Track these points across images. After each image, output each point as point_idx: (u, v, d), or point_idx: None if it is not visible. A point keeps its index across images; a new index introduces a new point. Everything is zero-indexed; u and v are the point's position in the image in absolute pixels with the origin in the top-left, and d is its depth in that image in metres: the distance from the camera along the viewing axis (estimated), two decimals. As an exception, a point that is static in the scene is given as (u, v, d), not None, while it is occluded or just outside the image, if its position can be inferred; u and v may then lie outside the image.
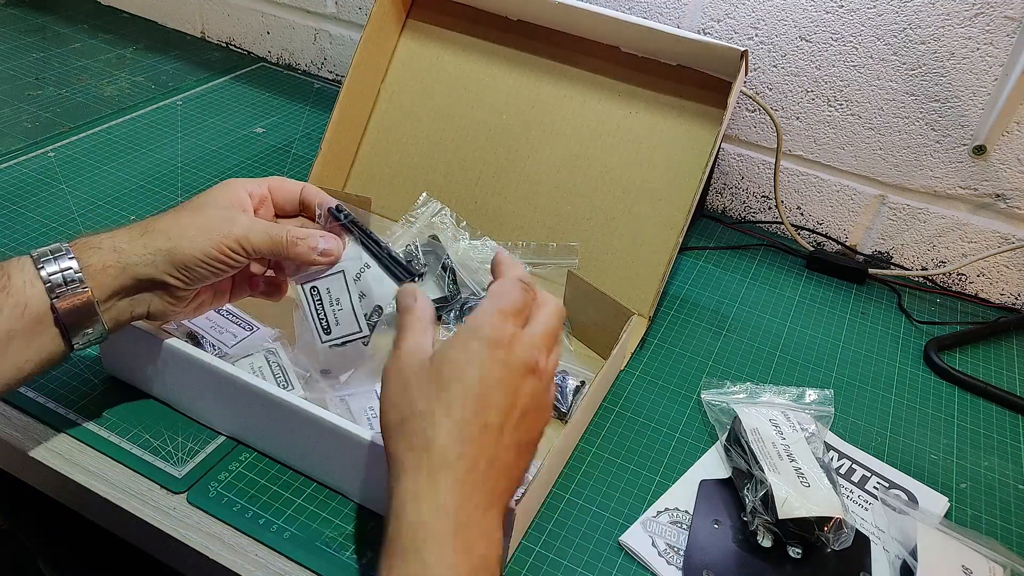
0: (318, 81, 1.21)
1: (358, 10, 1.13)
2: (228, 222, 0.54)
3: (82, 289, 0.51)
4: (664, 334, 0.79)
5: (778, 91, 0.90)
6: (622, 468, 0.64)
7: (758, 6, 0.87)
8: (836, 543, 0.55)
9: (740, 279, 0.89)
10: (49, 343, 0.51)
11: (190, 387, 0.61)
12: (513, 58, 0.87)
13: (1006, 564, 0.57)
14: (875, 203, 0.91)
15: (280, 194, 0.60)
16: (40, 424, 0.61)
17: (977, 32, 0.78)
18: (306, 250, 0.56)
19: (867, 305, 0.87)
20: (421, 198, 0.86)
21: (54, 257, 0.51)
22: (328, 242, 0.57)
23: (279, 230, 0.56)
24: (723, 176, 0.99)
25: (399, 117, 0.91)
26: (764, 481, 0.58)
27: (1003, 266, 0.88)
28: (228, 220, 0.55)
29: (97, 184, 0.90)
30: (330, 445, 0.56)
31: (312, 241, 0.56)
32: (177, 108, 1.08)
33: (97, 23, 1.31)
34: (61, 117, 1.02)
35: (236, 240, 0.54)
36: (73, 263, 0.51)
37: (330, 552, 0.54)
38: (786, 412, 0.65)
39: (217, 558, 0.53)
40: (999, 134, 0.81)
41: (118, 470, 0.58)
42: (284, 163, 0.98)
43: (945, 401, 0.75)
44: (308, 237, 0.56)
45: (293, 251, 0.56)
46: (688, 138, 0.80)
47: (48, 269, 0.51)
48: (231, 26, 1.27)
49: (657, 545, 0.57)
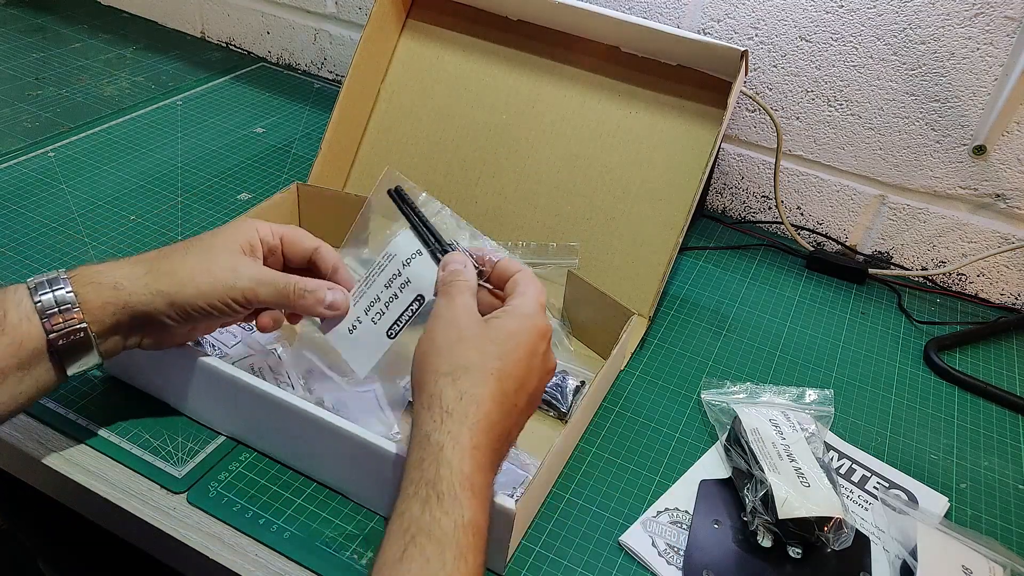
0: (318, 81, 1.21)
1: (358, 10, 1.13)
2: (234, 272, 0.53)
3: (79, 325, 0.50)
4: (664, 334, 0.79)
5: (778, 91, 0.90)
6: (622, 468, 0.64)
7: (758, 6, 0.87)
8: (836, 543, 0.55)
9: (740, 279, 0.89)
10: (44, 375, 0.51)
11: (190, 387, 0.61)
12: (513, 58, 0.87)
13: (1006, 564, 0.57)
14: (875, 203, 0.91)
15: (293, 247, 0.59)
16: (40, 424, 0.61)
17: (977, 32, 0.78)
18: (313, 303, 0.56)
19: (867, 305, 0.87)
20: (421, 198, 0.86)
21: (52, 290, 0.50)
22: (335, 294, 0.57)
23: (286, 281, 0.55)
24: (723, 176, 0.99)
25: (399, 117, 0.91)
26: (764, 481, 0.58)
27: (1003, 266, 0.88)
28: (235, 271, 0.53)
29: (97, 184, 0.90)
30: (330, 445, 0.56)
31: (320, 294, 0.56)
32: (177, 108, 1.08)
33: (97, 23, 1.31)
34: (61, 117, 1.02)
35: (242, 293, 0.53)
36: (71, 296, 0.50)
37: (330, 552, 0.54)
38: (786, 412, 0.65)
39: (217, 558, 0.53)
40: (999, 134, 0.81)
41: (118, 470, 0.58)
42: (284, 163, 0.98)
43: (945, 401, 0.75)
44: (316, 290, 0.56)
45: (300, 303, 0.55)
46: (688, 138, 0.80)
47: (44, 302, 0.50)
48: (231, 26, 1.27)
49: (657, 545, 0.57)
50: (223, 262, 0.54)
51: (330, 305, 0.56)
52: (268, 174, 0.96)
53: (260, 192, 0.92)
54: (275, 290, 0.54)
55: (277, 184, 0.94)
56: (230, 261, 0.54)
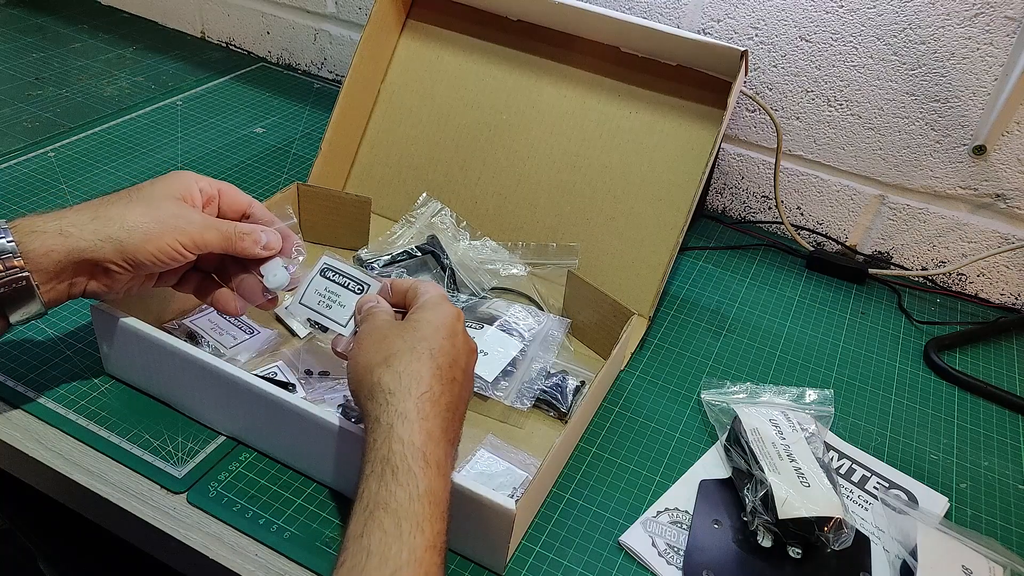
0: (318, 81, 1.21)
1: (358, 10, 1.13)
2: (182, 219, 0.56)
3: (20, 272, 0.51)
4: (664, 334, 0.79)
5: (778, 91, 0.90)
6: (622, 468, 0.64)
7: (758, 6, 0.87)
8: (836, 543, 0.55)
9: (740, 279, 0.89)
10: None
11: (190, 387, 0.61)
12: (513, 58, 0.87)
13: (1006, 564, 0.57)
14: (875, 203, 0.91)
15: (228, 201, 0.61)
16: (40, 424, 0.61)
17: (977, 32, 0.78)
18: (251, 244, 0.59)
19: (867, 305, 0.87)
20: (421, 198, 0.86)
21: None
22: (269, 236, 0.60)
23: (228, 226, 0.58)
24: (723, 176, 0.99)
25: (399, 117, 0.91)
26: (764, 481, 0.58)
27: (1003, 266, 0.88)
28: (182, 217, 0.56)
29: (97, 184, 0.90)
30: (330, 445, 0.56)
31: (255, 235, 0.59)
32: (177, 108, 1.08)
33: (97, 23, 1.31)
34: (61, 117, 1.02)
35: (190, 237, 0.55)
36: (11, 245, 0.51)
37: (330, 552, 0.54)
38: (786, 412, 0.65)
39: (217, 558, 0.53)
40: (999, 134, 0.81)
41: (118, 470, 0.58)
42: (284, 163, 0.98)
43: (945, 401, 0.75)
44: (252, 232, 0.59)
45: (240, 245, 0.58)
46: (688, 138, 0.80)
47: None
48: (231, 26, 1.27)
49: (657, 545, 0.57)
50: (168, 208, 0.56)
51: (265, 246, 0.59)
52: (268, 174, 0.96)
53: (260, 192, 0.92)
54: (220, 233, 0.57)
55: (277, 184, 0.94)
56: (174, 208, 0.56)
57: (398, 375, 0.49)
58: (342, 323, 0.59)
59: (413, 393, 0.48)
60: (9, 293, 0.52)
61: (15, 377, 0.64)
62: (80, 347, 0.68)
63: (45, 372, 0.65)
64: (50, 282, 0.53)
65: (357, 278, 0.60)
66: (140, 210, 0.55)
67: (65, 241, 0.53)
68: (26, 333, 0.69)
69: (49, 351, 0.67)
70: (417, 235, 0.83)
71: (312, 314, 0.60)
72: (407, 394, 0.48)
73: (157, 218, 0.55)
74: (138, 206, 0.55)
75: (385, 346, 0.51)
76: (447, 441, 0.49)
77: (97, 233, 0.53)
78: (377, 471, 0.46)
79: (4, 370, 0.65)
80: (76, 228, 0.53)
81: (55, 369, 0.65)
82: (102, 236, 0.53)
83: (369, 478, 0.46)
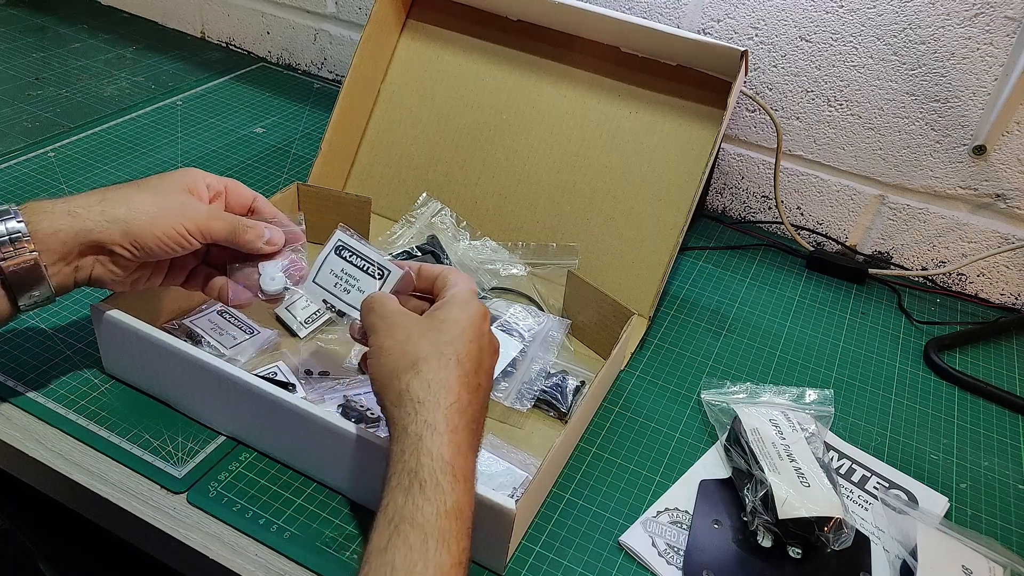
0: (318, 81, 1.21)
1: (358, 10, 1.13)
2: (189, 208, 0.57)
3: (29, 252, 0.52)
4: (664, 334, 0.79)
5: (778, 91, 0.90)
6: (622, 468, 0.64)
7: (758, 6, 0.87)
8: (836, 543, 0.55)
9: (740, 279, 0.89)
10: None
11: (190, 387, 0.61)
12: (513, 58, 0.87)
13: (1006, 564, 0.57)
14: (875, 203, 0.91)
15: (234, 196, 0.62)
16: (40, 424, 0.61)
17: (977, 32, 0.78)
18: (254, 238, 0.59)
19: (867, 305, 0.87)
20: (421, 198, 0.86)
21: (1, 219, 0.52)
22: (272, 231, 0.60)
23: (233, 218, 0.59)
24: (723, 176, 0.99)
25: (399, 117, 0.91)
26: (764, 481, 0.58)
27: (1003, 266, 0.88)
28: (189, 206, 0.57)
29: (97, 184, 0.90)
30: (330, 445, 0.56)
31: (259, 230, 0.59)
32: (177, 108, 1.08)
33: (97, 23, 1.31)
34: (61, 117, 1.02)
35: (197, 225, 0.56)
36: (21, 226, 0.52)
37: (330, 552, 0.54)
38: (786, 412, 0.65)
39: (217, 558, 0.53)
40: (999, 134, 0.81)
41: (118, 470, 0.58)
42: (284, 163, 0.98)
43: (945, 401, 0.75)
44: (255, 226, 0.60)
45: (244, 238, 0.59)
46: (688, 138, 0.80)
47: None
48: (231, 26, 1.27)
49: (657, 545, 0.57)
50: (175, 198, 0.57)
51: (268, 241, 0.60)
52: (268, 174, 0.96)
53: (260, 192, 0.91)
54: (225, 224, 0.58)
55: (277, 184, 0.94)
56: (181, 198, 0.57)
57: (427, 384, 0.48)
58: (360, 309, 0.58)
59: (442, 404, 0.47)
60: (19, 273, 0.52)
61: (15, 377, 0.64)
62: (80, 347, 0.68)
63: (45, 372, 0.65)
64: (57, 263, 0.54)
65: (376, 261, 0.58)
66: (148, 197, 0.56)
67: (73, 221, 0.53)
68: (26, 333, 0.69)
69: (49, 351, 0.67)
70: (417, 235, 0.83)
71: (328, 296, 0.59)
72: (436, 405, 0.47)
73: (164, 205, 0.56)
74: (146, 193, 0.56)
75: (411, 349, 0.49)
76: (473, 453, 0.48)
77: (104, 214, 0.54)
78: (404, 484, 0.45)
79: (4, 370, 0.65)
80: (83, 209, 0.54)
81: (55, 369, 0.65)
82: (109, 217, 0.54)
83: (396, 490, 0.45)
